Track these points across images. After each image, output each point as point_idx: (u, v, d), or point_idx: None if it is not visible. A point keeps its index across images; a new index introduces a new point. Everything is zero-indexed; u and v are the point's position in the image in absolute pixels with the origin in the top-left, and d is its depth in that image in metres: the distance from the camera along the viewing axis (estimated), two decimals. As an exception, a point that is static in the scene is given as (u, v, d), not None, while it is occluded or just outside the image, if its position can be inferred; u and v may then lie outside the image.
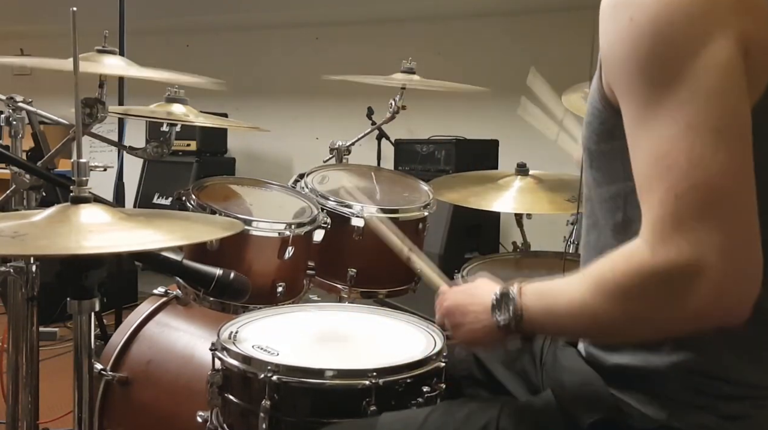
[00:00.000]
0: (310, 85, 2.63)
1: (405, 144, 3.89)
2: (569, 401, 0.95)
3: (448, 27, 4.37)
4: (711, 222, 0.72)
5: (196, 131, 4.43)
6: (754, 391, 0.87)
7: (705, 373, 0.87)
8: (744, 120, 0.76)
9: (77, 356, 1.05)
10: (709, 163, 0.73)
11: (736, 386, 0.87)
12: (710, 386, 0.87)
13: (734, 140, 0.74)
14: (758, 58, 0.79)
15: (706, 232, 0.72)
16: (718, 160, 0.73)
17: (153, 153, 1.75)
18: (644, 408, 0.89)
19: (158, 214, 1.16)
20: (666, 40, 0.77)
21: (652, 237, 0.75)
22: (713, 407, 0.86)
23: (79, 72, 1.00)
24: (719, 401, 0.86)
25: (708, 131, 0.73)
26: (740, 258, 0.73)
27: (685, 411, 0.87)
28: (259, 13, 4.81)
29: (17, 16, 5.30)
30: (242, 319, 1.37)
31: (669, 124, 0.75)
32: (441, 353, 1.22)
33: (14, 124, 1.63)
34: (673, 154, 0.74)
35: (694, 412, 0.86)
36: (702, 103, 0.74)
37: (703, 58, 0.75)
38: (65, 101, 1.30)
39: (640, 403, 0.90)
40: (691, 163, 0.73)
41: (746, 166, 0.74)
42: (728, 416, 0.86)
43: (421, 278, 1.33)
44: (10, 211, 1.55)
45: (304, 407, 1.14)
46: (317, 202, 1.73)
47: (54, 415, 2.16)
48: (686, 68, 0.75)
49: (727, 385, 0.86)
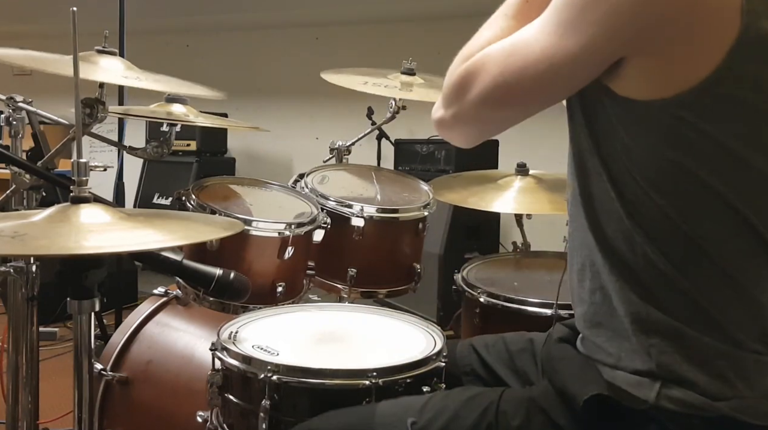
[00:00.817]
0: (310, 85, 2.63)
1: (405, 144, 3.89)
2: (564, 384, 0.98)
3: (448, 27, 4.36)
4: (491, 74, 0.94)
5: (196, 131, 4.43)
6: (735, 353, 0.89)
7: (681, 331, 0.90)
8: (574, 67, 0.88)
9: (77, 356, 1.05)
10: (532, 46, 0.90)
11: (715, 343, 0.89)
12: (690, 338, 0.90)
13: (560, 67, 0.89)
14: (710, 28, 0.82)
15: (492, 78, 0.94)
16: (539, 45, 0.89)
17: (153, 153, 1.75)
18: (633, 390, 0.92)
19: (158, 214, 1.15)
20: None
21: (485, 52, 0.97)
22: (697, 384, 0.89)
23: (79, 72, 1.01)
24: (703, 373, 0.89)
25: (550, 46, 0.88)
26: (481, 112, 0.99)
27: (671, 391, 0.90)
28: (259, 13, 4.81)
29: (17, 16, 5.30)
30: (242, 319, 1.37)
31: (545, 23, 0.90)
32: (441, 353, 1.22)
33: (14, 124, 1.62)
34: (523, 39, 0.93)
35: (680, 392, 0.89)
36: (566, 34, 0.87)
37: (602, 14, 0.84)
38: (65, 101, 1.30)
39: (630, 385, 0.92)
40: (525, 46, 0.92)
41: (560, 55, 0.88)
42: (714, 395, 0.88)
43: (421, 278, 1.33)
44: (10, 211, 1.55)
45: (304, 407, 1.14)
46: (317, 202, 1.73)
47: (54, 415, 2.16)
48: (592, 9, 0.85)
49: (705, 338, 0.89)
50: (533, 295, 1.59)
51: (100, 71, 1.55)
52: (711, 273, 0.89)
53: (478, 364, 1.27)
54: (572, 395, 0.94)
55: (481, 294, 1.65)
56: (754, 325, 0.91)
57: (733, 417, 0.88)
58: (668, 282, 0.90)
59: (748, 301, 0.91)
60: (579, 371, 0.99)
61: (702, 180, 0.87)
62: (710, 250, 0.89)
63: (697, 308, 0.90)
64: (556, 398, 0.98)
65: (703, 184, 0.87)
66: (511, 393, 1.04)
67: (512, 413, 0.99)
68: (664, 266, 0.90)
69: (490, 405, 1.00)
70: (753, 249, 0.90)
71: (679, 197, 0.88)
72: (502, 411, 0.99)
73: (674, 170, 0.87)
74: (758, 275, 0.91)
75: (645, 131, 0.88)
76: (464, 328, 1.78)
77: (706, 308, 0.90)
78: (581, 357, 1.01)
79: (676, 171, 0.87)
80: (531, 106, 0.97)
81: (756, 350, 0.90)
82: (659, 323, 0.91)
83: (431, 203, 1.84)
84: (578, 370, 0.99)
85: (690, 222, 0.88)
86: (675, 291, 0.90)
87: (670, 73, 0.84)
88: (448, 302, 2.57)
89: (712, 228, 0.89)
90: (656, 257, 0.90)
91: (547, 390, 1.00)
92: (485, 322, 1.64)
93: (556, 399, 0.98)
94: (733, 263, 0.89)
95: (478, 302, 1.64)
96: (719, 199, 0.87)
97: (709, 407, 0.88)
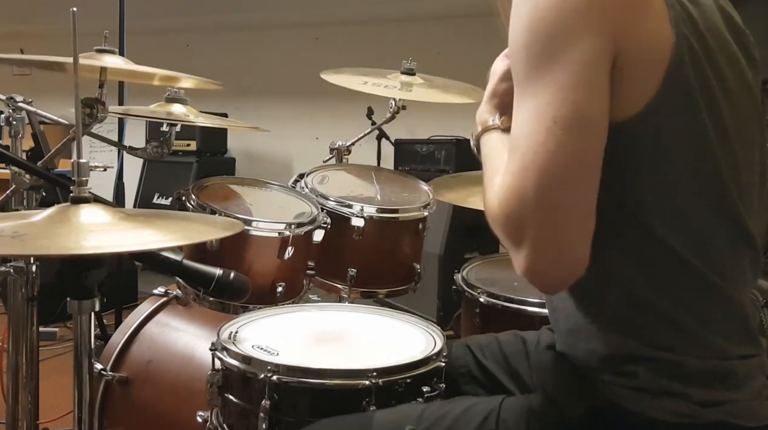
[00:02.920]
0: (310, 85, 2.63)
1: (405, 144, 3.89)
2: (558, 396, 0.98)
3: (448, 27, 4.37)
4: (529, 206, 0.82)
5: (196, 131, 4.43)
6: (720, 365, 0.88)
7: (665, 358, 0.89)
8: (588, 113, 0.81)
9: (77, 356, 1.05)
10: (539, 149, 0.81)
11: (700, 361, 0.88)
12: (676, 363, 0.88)
13: (569, 131, 0.80)
14: (648, 56, 0.83)
15: (528, 214, 0.82)
16: (547, 148, 0.80)
17: (153, 153, 1.75)
18: (625, 402, 0.91)
19: (158, 214, 1.15)
20: (537, 35, 0.83)
21: (502, 193, 0.85)
22: (686, 395, 0.88)
23: (79, 72, 1.01)
24: (691, 386, 0.88)
25: (547, 120, 0.81)
26: (548, 248, 0.83)
27: (660, 400, 0.89)
28: (259, 13, 4.81)
29: (17, 16, 5.30)
30: (242, 319, 1.37)
31: (526, 108, 0.84)
32: (441, 353, 1.22)
33: (14, 124, 1.62)
34: (520, 138, 0.83)
35: (671, 402, 0.88)
36: (550, 95, 0.81)
37: (565, 54, 0.81)
38: (65, 101, 1.30)
39: (622, 398, 0.91)
40: (527, 148, 0.82)
41: (577, 155, 0.81)
42: (704, 402, 0.88)
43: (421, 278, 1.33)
44: (10, 211, 1.55)
45: (304, 407, 1.14)
46: (317, 202, 1.73)
47: (54, 415, 2.16)
48: (549, 62, 0.82)
49: (691, 359, 0.88)
50: (533, 295, 1.59)
51: (101, 62, 1.54)
52: (692, 285, 0.88)
53: (474, 365, 1.27)
54: (566, 407, 0.95)
55: (481, 294, 1.64)
56: (738, 328, 0.91)
57: (727, 422, 0.87)
58: (647, 309, 0.89)
59: (729, 304, 0.90)
60: (571, 382, 0.98)
61: (673, 186, 0.86)
62: (691, 258, 0.87)
63: (679, 331, 0.88)
64: (552, 408, 0.98)
65: (675, 190, 0.86)
66: (511, 402, 1.03)
67: (513, 421, 0.99)
68: (642, 291, 0.89)
69: (491, 413, 1.00)
70: (734, 241, 0.89)
71: (653, 214, 0.87)
72: (503, 419, 0.99)
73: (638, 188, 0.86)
74: (740, 273, 0.91)
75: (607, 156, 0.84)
76: (464, 328, 1.78)
77: (689, 326, 0.88)
78: (572, 366, 1.00)
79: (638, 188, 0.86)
80: (584, 175, 0.83)
81: (742, 355, 0.90)
82: (643, 354, 0.90)
83: (431, 203, 1.84)
84: (570, 381, 0.99)
85: (669, 235, 0.86)
86: (655, 316, 0.89)
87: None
88: (448, 302, 2.57)
89: (691, 233, 0.87)
90: (636, 283, 0.89)
91: (543, 400, 1.00)
92: (485, 322, 1.64)
93: (553, 409, 0.98)
94: (715, 266, 0.88)
95: (478, 302, 1.64)
96: (694, 200, 0.87)
97: (701, 414, 0.87)
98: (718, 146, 0.87)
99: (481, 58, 1.18)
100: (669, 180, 0.86)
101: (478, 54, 4.69)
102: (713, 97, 0.87)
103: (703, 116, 0.86)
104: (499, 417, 0.99)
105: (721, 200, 0.88)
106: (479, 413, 1.00)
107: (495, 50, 1.14)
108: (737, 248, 0.90)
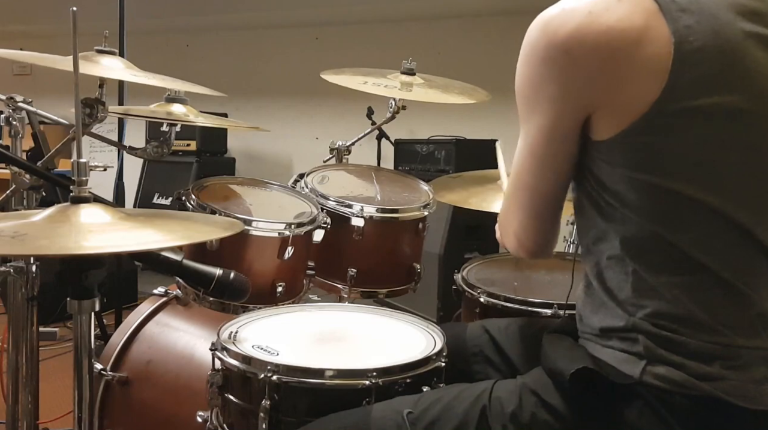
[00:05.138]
0: (310, 85, 2.63)
1: (405, 144, 3.89)
2: (554, 364, 1.00)
3: (448, 27, 4.37)
4: (515, 219, 1.09)
5: (196, 131, 4.43)
6: (724, 351, 0.91)
7: (671, 328, 0.92)
8: (533, 177, 1.04)
9: (77, 356, 1.05)
10: (517, 186, 1.07)
11: (703, 344, 0.91)
12: (678, 342, 0.91)
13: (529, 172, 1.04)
14: (638, 89, 0.89)
15: (514, 221, 1.10)
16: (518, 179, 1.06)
17: (153, 153, 1.75)
18: (620, 365, 0.94)
19: (158, 214, 1.15)
20: (517, 95, 1.00)
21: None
22: (683, 365, 0.90)
23: (79, 72, 1.01)
24: (689, 360, 0.90)
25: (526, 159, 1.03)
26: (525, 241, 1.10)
27: (656, 369, 0.91)
28: (259, 13, 4.81)
29: (17, 16, 5.30)
30: (242, 319, 1.37)
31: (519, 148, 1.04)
32: (441, 353, 1.22)
33: (14, 124, 1.62)
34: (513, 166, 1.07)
35: (665, 370, 0.91)
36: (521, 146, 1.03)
37: (533, 116, 0.98)
38: (65, 101, 1.30)
39: (617, 361, 0.95)
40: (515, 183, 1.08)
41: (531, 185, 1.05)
42: (699, 375, 0.90)
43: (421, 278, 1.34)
44: (10, 211, 1.55)
45: (304, 407, 1.14)
46: (317, 202, 1.73)
47: (54, 415, 2.16)
48: (524, 121, 1.01)
49: (693, 341, 0.91)
50: (533, 295, 1.59)
51: (101, 69, 1.55)
52: (702, 278, 0.91)
53: (490, 345, 1.30)
54: (560, 372, 0.97)
55: (481, 294, 1.64)
56: (744, 320, 0.92)
57: (718, 397, 0.89)
58: (656, 294, 0.93)
59: (737, 298, 0.92)
60: (568, 351, 1.02)
61: (677, 191, 0.90)
62: (700, 256, 0.90)
63: (685, 315, 0.91)
64: (547, 379, 1.01)
65: (679, 194, 0.90)
66: (504, 382, 1.07)
67: (506, 398, 1.02)
68: (652, 279, 0.93)
69: (483, 392, 1.04)
70: (741, 241, 0.91)
71: (663, 214, 0.91)
72: (495, 397, 1.02)
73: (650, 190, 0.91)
74: (750, 269, 0.92)
75: (614, 161, 0.93)
76: (464, 328, 1.78)
77: (695, 313, 0.91)
78: (571, 340, 1.05)
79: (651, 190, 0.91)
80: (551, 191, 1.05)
81: (746, 346, 0.91)
82: (647, 329, 0.93)
83: (431, 203, 1.84)
84: (567, 350, 1.02)
85: (677, 233, 0.91)
86: (663, 301, 0.92)
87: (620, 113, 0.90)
88: (448, 302, 2.57)
89: (700, 233, 0.91)
90: (645, 274, 0.93)
91: (538, 374, 1.03)
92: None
93: (547, 380, 1.00)
94: (723, 263, 0.91)
95: (478, 302, 1.64)
96: (699, 204, 0.90)
97: (693, 385, 0.89)
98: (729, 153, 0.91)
99: (481, 58, 1.19)
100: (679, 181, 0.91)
101: (478, 54, 4.73)
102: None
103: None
104: (492, 395, 1.03)
105: (730, 204, 0.91)
106: (473, 394, 1.04)
107: (495, 50, 1.15)
108: (748, 250, 0.92)
